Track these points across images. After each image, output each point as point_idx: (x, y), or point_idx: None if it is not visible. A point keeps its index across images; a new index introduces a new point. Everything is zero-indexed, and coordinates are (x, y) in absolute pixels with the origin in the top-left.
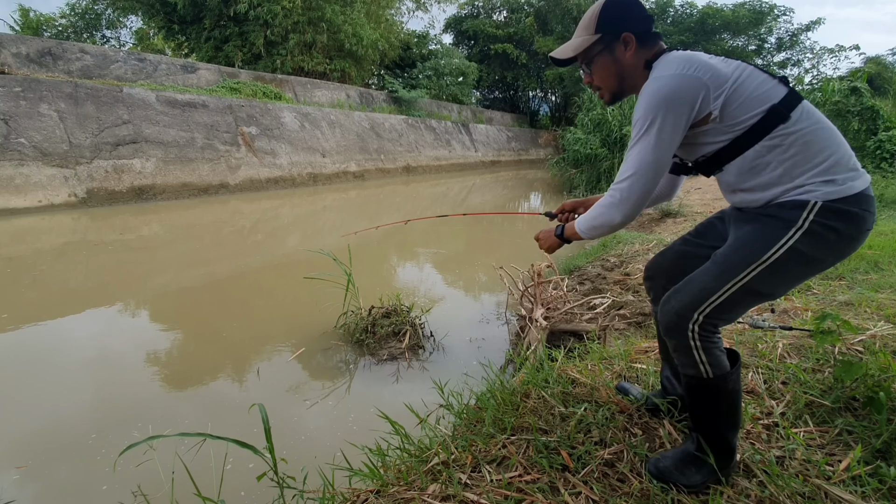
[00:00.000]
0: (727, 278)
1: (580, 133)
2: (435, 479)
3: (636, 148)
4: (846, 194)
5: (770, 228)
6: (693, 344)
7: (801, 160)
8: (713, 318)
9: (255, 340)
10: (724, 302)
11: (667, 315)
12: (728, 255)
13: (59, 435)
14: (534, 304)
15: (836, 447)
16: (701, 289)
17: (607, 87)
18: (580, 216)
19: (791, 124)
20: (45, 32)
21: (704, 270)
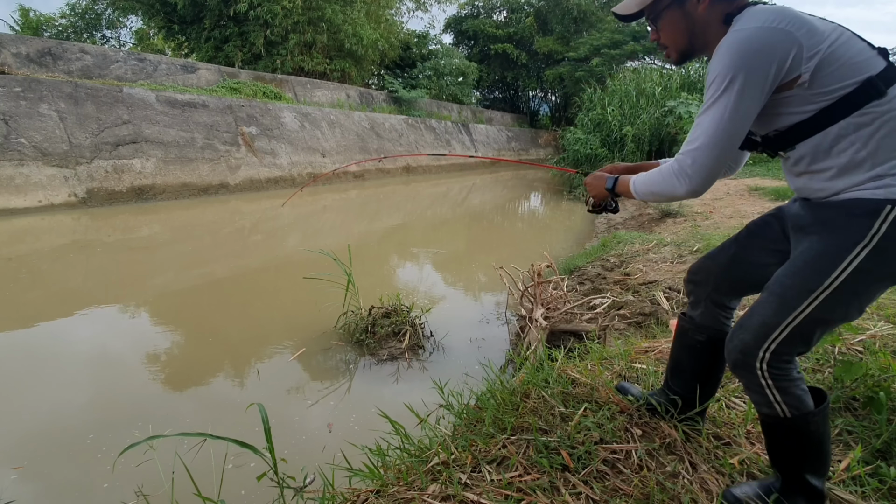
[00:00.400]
0: (788, 310)
1: (580, 133)
2: (435, 479)
3: (710, 111)
4: None
5: (833, 244)
6: (764, 382)
7: (888, 145)
8: (783, 354)
9: (254, 340)
10: (790, 336)
11: (732, 354)
12: (785, 283)
13: (59, 435)
14: (534, 304)
15: (836, 447)
16: (761, 324)
17: (675, 45)
18: (639, 175)
19: (886, 101)
20: (45, 32)
21: (762, 302)
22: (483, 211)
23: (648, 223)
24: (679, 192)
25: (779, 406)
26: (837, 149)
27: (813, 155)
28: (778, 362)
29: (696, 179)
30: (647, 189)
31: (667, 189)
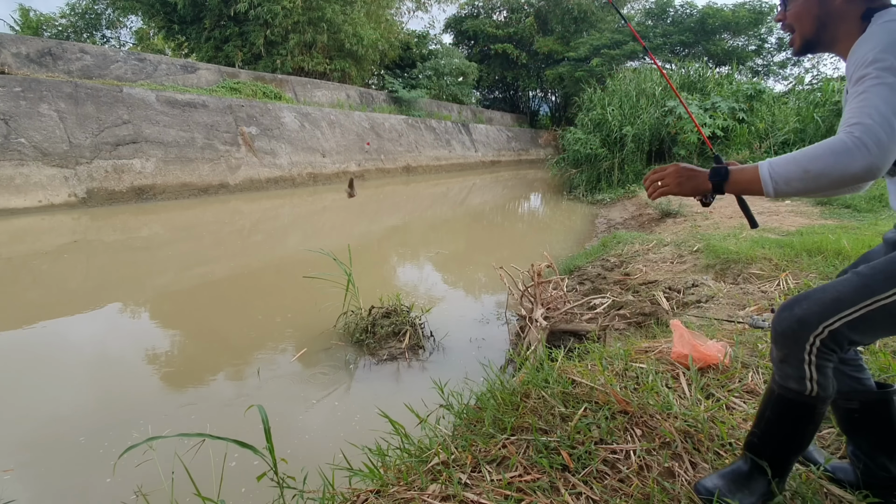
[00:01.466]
0: (870, 292)
1: (580, 133)
2: (435, 479)
3: (871, 91)
4: None
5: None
6: (808, 358)
7: None
8: (840, 337)
9: (254, 340)
10: (858, 319)
11: (785, 321)
12: (877, 267)
13: (59, 435)
14: (534, 304)
15: (837, 448)
16: (834, 298)
17: (801, 31)
18: (779, 157)
19: None
20: (45, 32)
21: (844, 280)
22: (483, 211)
23: (648, 223)
24: (855, 167)
25: (810, 383)
26: None
27: None
28: (832, 344)
29: (877, 152)
30: (798, 169)
31: (838, 164)
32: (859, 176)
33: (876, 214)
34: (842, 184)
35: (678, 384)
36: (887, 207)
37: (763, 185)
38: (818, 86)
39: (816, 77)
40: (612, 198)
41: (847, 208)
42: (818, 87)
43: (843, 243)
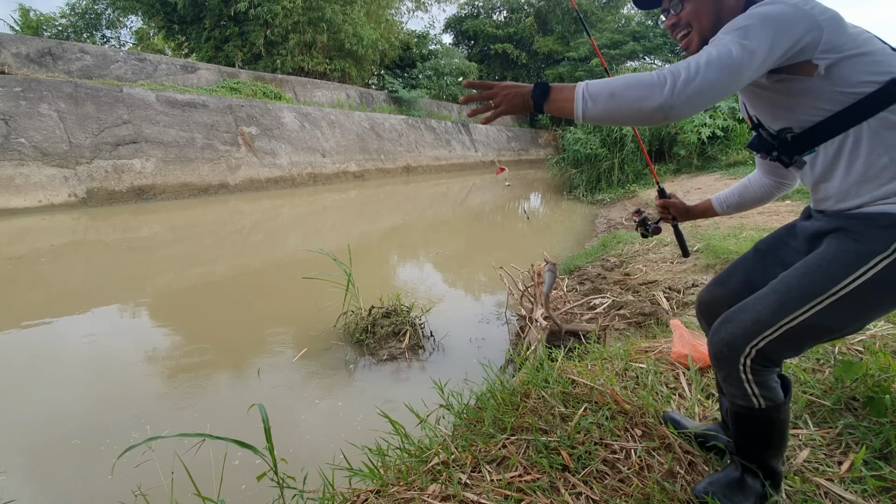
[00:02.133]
0: (786, 311)
1: (580, 133)
2: (435, 479)
3: (716, 44)
4: None
5: (850, 251)
6: (745, 377)
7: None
8: (769, 354)
9: (254, 340)
10: (781, 338)
11: (716, 345)
12: (791, 283)
13: (59, 435)
14: (534, 304)
15: (837, 448)
16: (754, 320)
17: (699, 26)
18: (588, 81)
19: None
20: (45, 32)
21: (761, 297)
22: (483, 211)
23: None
24: (651, 103)
25: (755, 399)
26: (858, 154)
27: (833, 159)
28: (763, 360)
29: (681, 91)
30: (606, 91)
31: (639, 96)
32: (651, 112)
33: None
34: (637, 117)
35: (678, 384)
36: None
37: (575, 103)
38: None
39: None
40: (611, 198)
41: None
42: None
43: None
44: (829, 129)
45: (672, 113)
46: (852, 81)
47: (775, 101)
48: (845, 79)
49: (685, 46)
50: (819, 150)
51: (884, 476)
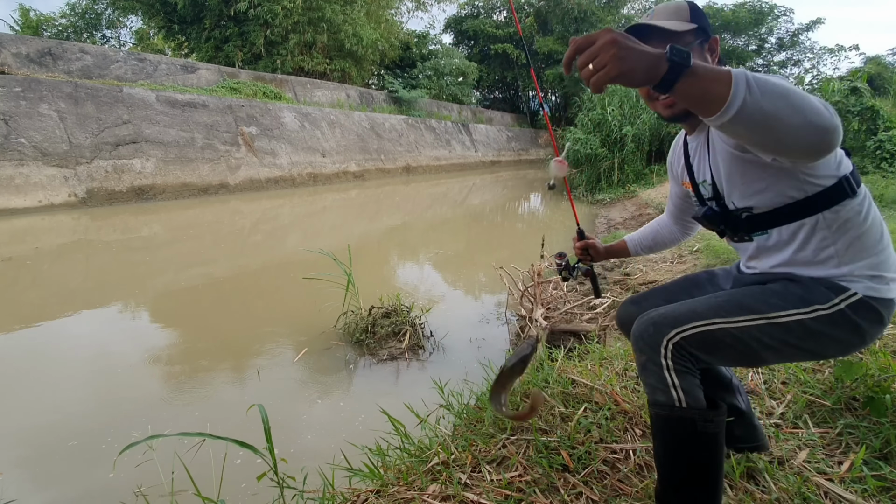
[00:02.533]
0: (722, 313)
1: (580, 133)
2: (435, 479)
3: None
4: (886, 296)
5: (793, 293)
6: (665, 363)
7: (857, 246)
8: (691, 348)
9: (254, 340)
10: (708, 335)
11: (642, 325)
12: (734, 295)
13: (58, 434)
14: (534, 304)
15: (837, 448)
16: (690, 310)
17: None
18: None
19: (857, 202)
20: (45, 32)
21: (702, 298)
22: (483, 211)
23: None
24: (826, 120)
25: (675, 392)
26: (809, 242)
27: (783, 243)
28: (685, 353)
29: (838, 126)
30: (775, 87)
31: (812, 106)
32: (825, 129)
33: None
34: (806, 131)
35: None
36: (888, 207)
37: (733, 86)
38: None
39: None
40: (612, 198)
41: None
42: (818, 87)
43: None
44: (790, 213)
45: (837, 138)
46: (820, 174)
47: (759, 178)
48: (816, 169)
49: (665, 105)
50: (772, 233)
51: (884, 476)
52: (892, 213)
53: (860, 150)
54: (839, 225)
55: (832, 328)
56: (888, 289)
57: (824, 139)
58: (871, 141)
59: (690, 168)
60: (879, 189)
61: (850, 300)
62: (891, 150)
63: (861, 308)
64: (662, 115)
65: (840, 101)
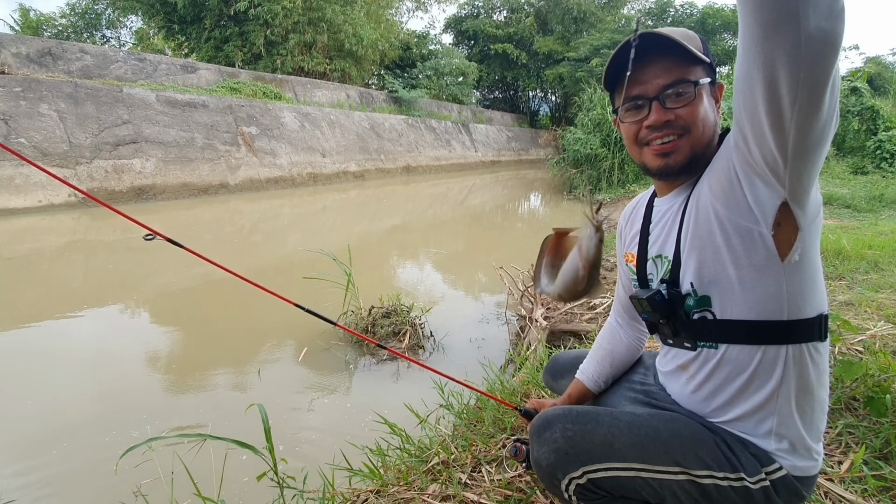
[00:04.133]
0: (643, 457)
1: (580, 133)
2: (435, 479)
3: None
4: (809, 474)
5: (721, 450)
6: (568, 498)
7: (802, 404)
8: (601, 490)
9: (254, 340)
10: (625, 481)
11: (541, 442)
12: (660, 430)
13: (58, 434)
14: (534, 304)
15: (837, 448)
16: (605, 442)
17: (695, 132)
18: None
19: (822, 349)
20: (45, 32)
21: (621, 422)
22: (483, 211)
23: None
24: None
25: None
26: (753, 379)
27: (726, 368)
28: (588, 492)
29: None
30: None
31: None
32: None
33: (876, 214)
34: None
35: None
36: (887, 207)
37: None
38: None
39: None
40: (612, 198)
41: (847, 208)
42: None
43: (842, 243)
44: (751, 331)
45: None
46: (805, 298)
47: (738, 265)
48: (801, 282)
49: (669, 148)
50: (722, 350)
51: (884, 476)
52: (892, 212)
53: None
54: (797, 370)
55: (747, 502)
56: (812, 466)
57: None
58: (871, 141)
59: (645, 237)
60: (880, 189)
61: (775, 475)
62: (891, 150)
63: (781, 489)
64: (650, 166)
65: (840, 101)
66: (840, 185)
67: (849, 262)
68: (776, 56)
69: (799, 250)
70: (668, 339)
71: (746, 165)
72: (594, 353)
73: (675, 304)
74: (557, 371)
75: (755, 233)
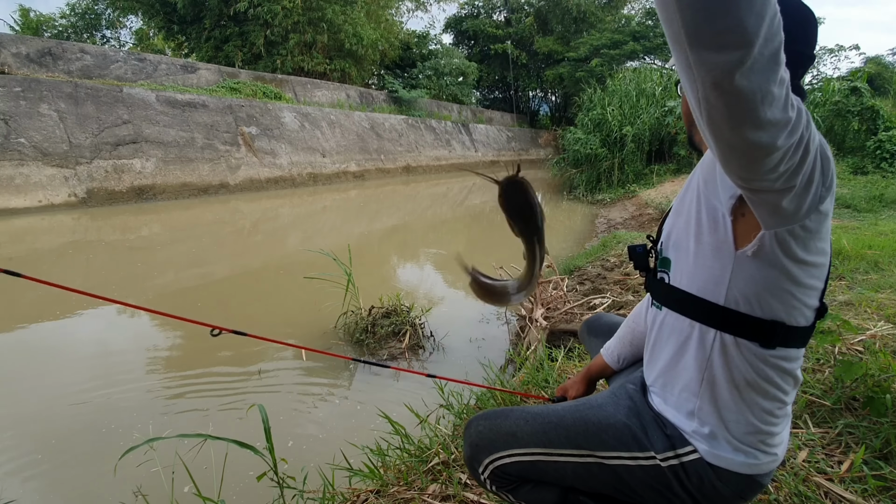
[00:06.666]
0: (546, 441)
1: (580, 133)
2: (435, 479)
3: None
4: (731, 468)
5: (631, 427)
6: (487, 486)
7: (727, 399)
8: (509, 476)
9: (254, 340)
10: (528, 465)
11: (467, 435)
12: (566, 419)
13: (59, 435)
14: (534, 304)
15: (837, 448)
16: (509, 433)
17: (686, 125)
18: None
19: (771, 357)
20: (45, 32)
21: (529, 414)
22: (483, 211)
23: (649, 223)
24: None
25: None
26: (683, 352)
27: (665, 338)
28: (501, 479)
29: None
30: None
31: None
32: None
33: (876, 214)
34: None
35: None
36: (887, 207)
37: None
38: (818, 86)
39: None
40: (612, 198)
41: (847, 208)
42: (818, 87)
43: (843, 243)
44: (696, 308)
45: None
46: (807, 297)
47: (701, 234)
48: (806, 295)
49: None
50: (665, 314)
51: (884, 476)
52: (892, 212)
53: (860, 150)
54: (769, 372)
55: (661, 487)
56: (743, 461)
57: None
58: (871, 141)
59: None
60: (879, 189)
61: (687, 457)
62: (891, 150)
63: (695, 472)
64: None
65: (840, 100)
66: (840, 185)
67: (849, 262)
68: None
69: (755, 248)
70: (648, 293)
71: None
72: (620, 329)
73: (648, 259)
74: (594, 329)
75: (720, 213)
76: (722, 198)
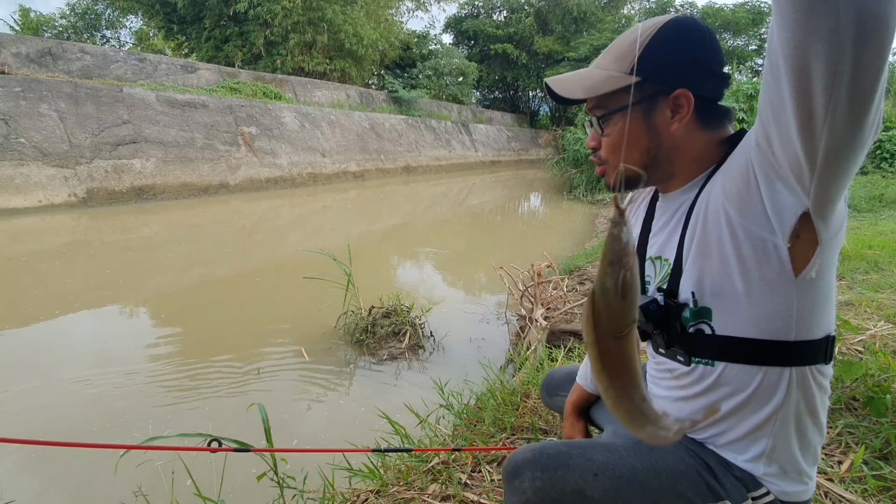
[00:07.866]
0: (621, 502)
1: (580, 133)
2: (435, 479)
3: None
4: (799, 500)
5: (701, 473)
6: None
7: (801, 428)
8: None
9: (254, 340)
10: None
11: (516, 496)
12: (636, 468)
13: (59, 435)
14: (534, 304)
15: (837, 448)
16: (576, 490)
17: (630, 160)
18: None
19: (827, 371)
20: (45, 32)
21: (595, 464)
22: (483, 211)
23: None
24: None
25: None
26: (752, 399)
27: (725, 393)
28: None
29: None
30: None
31: None
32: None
33: (876, 214)
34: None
35: None
36: (887, 207)
37: None
38: None
39: None
40: (612, 198)
41: (847, 208)
42: None
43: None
44: (762, 353)
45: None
46: (815, 320)
47: (747, 278)
48: (814, 299)
49: (599, 173)
50: (724, 368)
51: (884, 476)
52: (892, 212)
53: None
54: (799, 392)
55: None
56: (803, 490)
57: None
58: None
59: (646, 234)
60: (879, 189)
61: (761, 500)
62: (891, 150)
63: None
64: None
65: None
66: None
67: (849, 262)
68: (808, 43)
69: (816, 267)
70: (660, 349)
71: (768, 168)
72: (584, 365)
73: (671, 315)
74: (552, 388)
75: (769, 243)
76: (774, 223)
